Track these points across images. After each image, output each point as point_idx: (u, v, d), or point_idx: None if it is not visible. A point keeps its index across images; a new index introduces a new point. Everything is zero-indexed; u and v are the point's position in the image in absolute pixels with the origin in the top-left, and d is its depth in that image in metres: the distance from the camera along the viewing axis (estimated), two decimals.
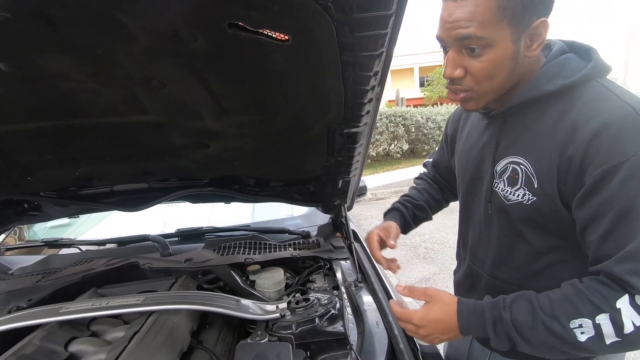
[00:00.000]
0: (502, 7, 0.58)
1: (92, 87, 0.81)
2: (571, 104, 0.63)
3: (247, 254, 1.29)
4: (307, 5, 0.58)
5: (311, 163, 1.22)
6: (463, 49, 0.63)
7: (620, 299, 0.56)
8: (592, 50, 0.68)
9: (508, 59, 0.63)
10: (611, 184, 0.56)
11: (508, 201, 0.72)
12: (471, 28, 0.60)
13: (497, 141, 0.74)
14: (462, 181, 0.89)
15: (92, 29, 0.64)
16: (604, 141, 0.57)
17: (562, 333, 0.59)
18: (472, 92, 0.67)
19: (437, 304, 0.70)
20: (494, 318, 0.64)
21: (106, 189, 1.25)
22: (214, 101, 0.89)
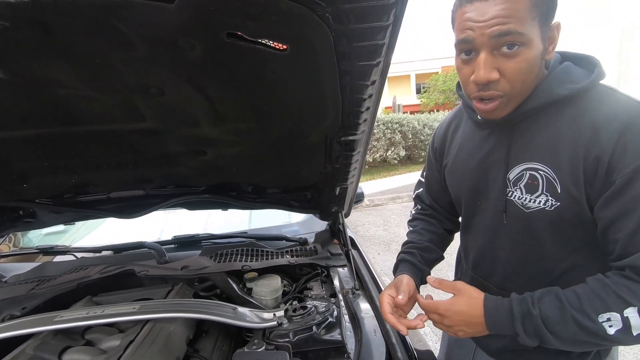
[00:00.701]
0: (535, 4, 0.59)
1: (89, 94, 0.81)
2: (584, 107, 0.64)
3: (244, 261, 1.28)
4: (305, 16, 0.59)
5: (309, 170, 1.22)
6: (496, 50, 0.62)
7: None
8: (590, 57, 0.70)
9: (538, 59, 0.63)
10: (635, 187, 0.57)
11: (527, 209, 0.70)
12: (511, 24, 0.58)
13: (508, 149, 0.73)
14: (460, 193, 0.87)
15: (91, 36, 0.65)
16: (631, 140, 0.58)
17: (591, 327, 0.59)
18: (505, 97, 0.65)
19: (464, 297, 0.71)
20: (522, 314, 0.65)
21: (102, 196, 1.24)
22: (211, 108, 0.89)
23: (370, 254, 3.85)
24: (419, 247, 0.96)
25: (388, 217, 5.43)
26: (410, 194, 4.98)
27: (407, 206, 5.99)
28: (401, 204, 6.23)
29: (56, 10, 0.57)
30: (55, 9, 0.57)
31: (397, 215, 5.54)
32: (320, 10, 0.59)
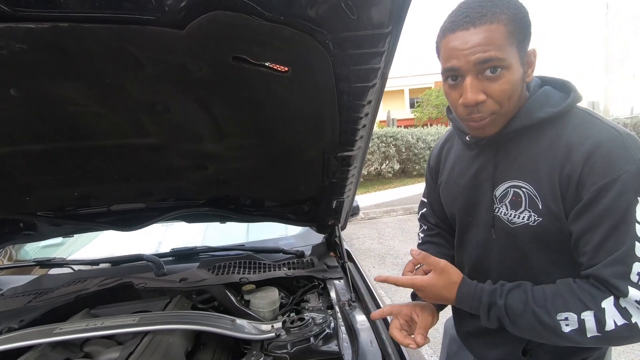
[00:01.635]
0: (512, 33, 0.64)
1: (97, 111, 0.84)
2: (562, 129, 0.69)
3: (242, 273, 1.30)
4: (307, 42, 0.64)
5: (306, 184, 1.26)
6: (480, 74, 0.66)
7: (606, 300, 0.62)
8: (567, 82, 0.75)
9: (519, 81, 0.69)
10: (605, 198, 0.62)
11: (513, 224, 0.74)
12: (491, 51, 0.63)
13: (494, 168, 0.77)
14: (453, 210, 0.91)
15: (103, 58, 0.68)
16: (597, 160, 0.63)
17: (548, 322, 0.65)
18: (494, 115, 0.70)
19: (443, 279, 0.74)
20: (489, 303, 0.71)
21: (103, 209, 1.26)
22: (214, 125, 0.93)
23: (365, 267, 3.85)
24: None
25: (382, 230, 5.46)
26: (405, 206, 5.03)
27: (401, 219, 6.03)
28: (395, 217, 6.27)
29: (73, 36, 0.61)
30: (72, 34, 0.60)
31: (391, 228, 5.57)
32: (321, 37, 0.63)
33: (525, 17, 0.66)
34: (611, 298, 0.62)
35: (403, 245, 4.61)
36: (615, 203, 0.61)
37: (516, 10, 0.65)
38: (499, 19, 0.63)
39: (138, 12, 0.56)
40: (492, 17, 0.63)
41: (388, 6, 0.57)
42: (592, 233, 0.64)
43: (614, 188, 0.61)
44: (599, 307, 0.62)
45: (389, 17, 0.59)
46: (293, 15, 0.58)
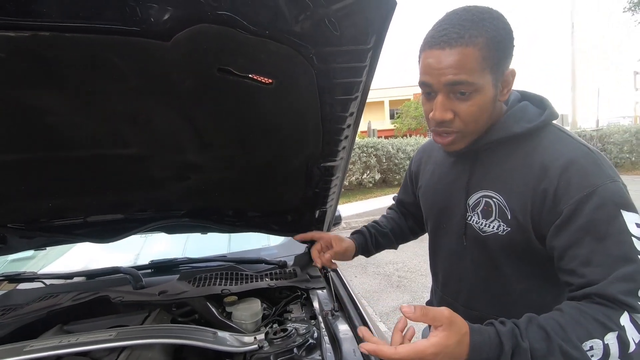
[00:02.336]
0: (485, 58, 0.66)
1: (76, 122, 0.83)
2: (537, 144, 0.72)
3: (224, 285, 1.28)
4: (291, 56, 0.65)
5: (289, 194, 1.26)
6: (451, 94, 0.69)
7: (622, 317, 0.58)
8: (544, 99, 0.79)
9: (490, 102, 0.71)
10: (584, 211, 0.62)
11: (484, 233, 0.77)
12: (462, 75, 0.65)
13: (469, 177, 0.80)
14: (429, 215, 0.94)
15: (85, 69, 0.68)
16: (573, 174, 0.65)
17: (578, 357, 0.57)
18: (460, 134, 0.73)
19: (455, 334, 0.57)
20: (512, 349, 0.58)
21: (79, 220, 1.22)
22: (197, 136, 0.93)
23: (347, 277, 3.86)
24: (379, 230, 1.15)
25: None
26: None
27: None
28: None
29: (54, 45, 0.60)
30: (53, 44, 0.60)
31: None
32: (305, 51, 0.65)
33: (504, 40, 0.67)
34: (626, 314, 0.58)
35: (385, 254, 4.63)
36: (595, 215, 0.61)
37: (495, 32, 0.66)
38: (474, 42, 0.64)
39: (122, 22, 0.56)
40: (468, 40, 0.64)
41: (369, 23, 0.60)
42: (576, 248, 0.63)
43: (592, 200, 0.62)
44: (619, 325, 0.57)
45: (371, 33, 0.62)
46: (278, 30, 0.59)
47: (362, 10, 0.56)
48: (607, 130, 11.67)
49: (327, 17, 0.56)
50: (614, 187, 0.63)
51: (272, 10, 0.55)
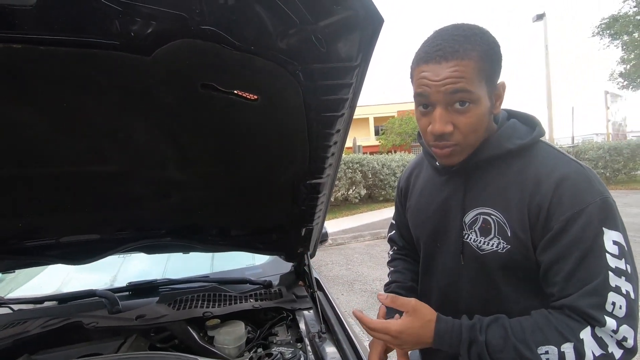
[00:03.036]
0: (481, 69, 0.68)
1: (52, 137, 0.79)
2: (530, 160, 0.73)
3: (206, 307, 1.22)
4: (277, 72, 0.64)
5: (275, 213, 1.23)
6: (450, 106, 0.69)
7: (584, 331, 0.62)
8: (532, 117, 0.80)
9: (487, 114, 0.72)
10: (573, 228, 0.64)
11: (482, 251, 0.76)
12: (461, 83, 0.66)
13: (464, 194, 0.79)
14: (421, 234, 0.92)
15: (61, 82, 0.65)
16: (565, 192, 0.66)
17: (529, 357, 0.63)
18: (458, 147, 0.73)
19: (418, 319, 0.72)
20: (470, 339, 0.68)
21: (51, 241, 1.15)
22: (180, 153, 0.90)
23: (334, 294, 3.79)
24: (404, 286, 1.00)
25: (351, 256, 5.44)
26: (372, 232, 5.08)
27: (369, 245, 6.06)
28: (363, 242, 6.30)
29: (28, 58, 0.57)
30: (27, 56, 0.57)
31: (359, 254, 5.58)
32: (291, 68, 0.64)
33: (496, 53, 0.70)
34: (588, 328, 0.62)
35: (372, 271, 4.61)
36: (582, 233, 0.64)
37: (487, 46, 0.68)
38: (469, 55, 0.66)
39: (100, 36, 0.54)
40: (463, 54, 0.66)
41: (356, 41, 0.59)
42: (561, 263, 0.65)
43: (580, 219, 0.64)
44: (578, 338, 0.62)
45: (357, 51, 0.62)
46: (264, 46, 0.58)
47: (350, 27, 0.55)
48: (583, 147, 12.13)
49: (314, 34, 0.56)
50: (602, 204, 0.65)
51: (258, 26, 0.54)
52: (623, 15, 14.04)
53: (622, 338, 0.61)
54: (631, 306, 0.62)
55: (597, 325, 0.62)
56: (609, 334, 0.62)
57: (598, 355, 0.61)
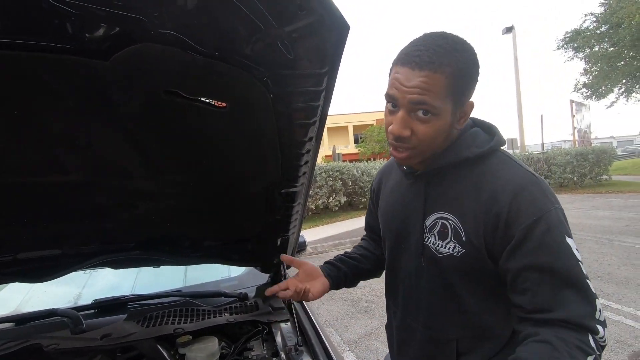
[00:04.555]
0: (450, 86, 0.69)
1: (2, 146, 0.74)
2: (486, 168, 0.75)
3: (177, 323, 1.17)
4: (243, 78, 0.62)
5: (249, 222, 1.20)
6: (413, 112, 0.71)
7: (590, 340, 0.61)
8: (493, 127, 0.83)
9: (446, 128, 0.74)
10: (534, 235, 0.66)
11: (440, 254, 0.78)
12: (427, 96, 0.68)
13: (425, 198, 0.82)
14: (388, 235, 0.94)
15: (10, 87, 0.61)
16: (522, 201, 0.68)
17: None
18: (415, 150, 0.75)
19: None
20: None
21: (7, 258, 1.07)
22: (145, 161, 0.86)
23: (315, 304, 3.75)
24: (349, 255, 1.10)
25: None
26: (352, 239, 5.11)
27: None
28: (344, 249, 6.27)
29: None
30: None
31: None
32: (258, 74, 0.63)
33: (470, 74, 0.71)
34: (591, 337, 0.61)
35: None
36: (545, 238, 0.66)
37: (464, 65, 0.69)
38: (443, 70, 0.67)
39: (52, 39, 0.51)
40: (437, 67, 0.67)
41: (324, 47, 0.58)
42: (529, 270, 0.66)
43: (540, 225, 0.66)
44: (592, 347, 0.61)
45: (325, 57, 0.61)
46: (228, 51, 0.57)
47: (316, 33, 0.54)
48: (552, 153, 12.66)
49: (279, 39, 0.54)
50: (557, 213, 0.68)
51: (220, 30, 0.52)
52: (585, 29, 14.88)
53: (603, 341, 0.63)
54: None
55: (593, 334, 0.62)
56: (598, 341, 0.62)
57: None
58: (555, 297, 0.64)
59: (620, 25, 13.06)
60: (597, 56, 14.89)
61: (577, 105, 15.74)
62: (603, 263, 4.40)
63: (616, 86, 15.64)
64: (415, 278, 0.86)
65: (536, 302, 0.66)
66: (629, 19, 12.15)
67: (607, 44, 14.50)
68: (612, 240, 5.40)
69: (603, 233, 5.88)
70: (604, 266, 4.28)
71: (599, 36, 14.51)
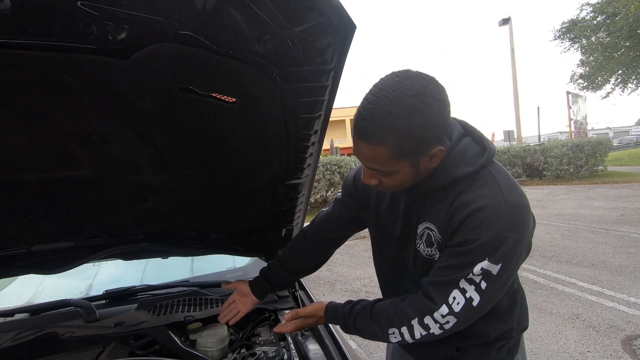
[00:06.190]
0: (397, 152, 0.70)
1: (19, 143, 0.77)
2: (467, 186, 0.78)
3: (187, 311, 1.21)
4: (254, 75, 0.66)
5: (254, 214, 1.24)
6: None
7: (414, 320, 0.79)
8: (484, 138, 0.84)
9: (411, 177, 0.78)
10: (463, 247, 0.74)
11: (430, 256, 0.85)
12: (375, 165, 0.73)
13: (416, 210, 0.87)
14: (387, 237, 0.97)
15: (31, 86, 0.64)
16: (470, 222, 0.73)
17: (382, 336, 0.85)
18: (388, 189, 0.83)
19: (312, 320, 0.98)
20: (344, 324, 0.92)
21: (22, 250, 1.11)
22: (156, 156, 0.89)
23: (316, 295, 3.80)
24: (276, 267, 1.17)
25: (331, 257, 5.47)
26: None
27: (349, 245, 6.11)
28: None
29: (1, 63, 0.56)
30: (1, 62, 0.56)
31: (339, 254, 5.62)
32: (268, 71, 0.66)
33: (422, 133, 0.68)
34: (416, 318, 0.79)
35: (352, 270, 4.66)
36: (467, 252, 0.73)
37: (409, 128, 0.66)
38: (386, 142, 0.67)
39: (76, 40, 0.54)
40: (380, 140, 0.67)
41: (331, 45, 0.62)
42: (442, 259, 0.79)
43: (472, 245, 0.72)
44: (410, 324, 0.80)
45: (332, 55, 0.64)
46: (241, 50, 0.60)
47: (324, 32, 0.58)
48: (548, 144, 12.72)
49: (289, 38, 0.58)
50: (495, 241, 0.71)
51: (235, 30, 0.56)
52: (581, 19, 14.88)
53: (445, 323, 0.76)
54: (468, 309, 0.74)
55: (433, 308, 0.76)
56: (438, 319, 0.76)
57: (424, 335, 0.79)
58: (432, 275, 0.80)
59: (616, 15, 13.07)
60: (594, 46, 14.91)
61: (574, 96, 15.79)
62: (598, 252, 4.48)
63: (612, 77, 15.69)
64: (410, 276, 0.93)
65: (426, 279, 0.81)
66: (625, 8, 12.15)
67: (604, 34, 14.51)
68: (607, 230, 5.48)
69: (598, 223, 5.97)
70: (598, 255, 4.36)
71: (596, 26, 14.52)
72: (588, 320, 2.88)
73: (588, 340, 2.62)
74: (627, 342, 2.55)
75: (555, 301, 3.26)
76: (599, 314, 2.97)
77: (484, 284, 0.73)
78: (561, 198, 8.72)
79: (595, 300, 3.22)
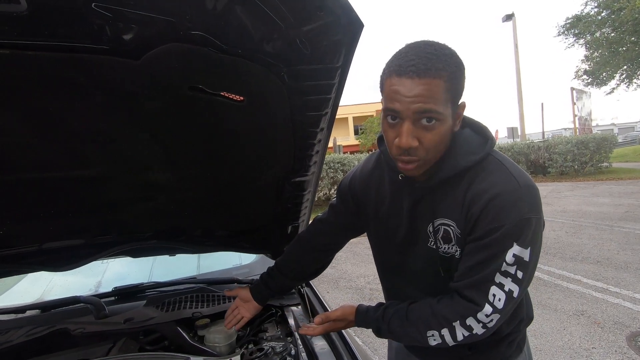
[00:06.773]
0: (448, 89, 0.70)
1: (29, 142, 0.78)
2: (476, 174, 0.79)
3: (195, 307, 1.23)
4: (263, 74, 0.67)
5: (261, 211, 1.25)
6: (417, 122, 0.72)
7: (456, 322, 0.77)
8: (485, 128, 0.85)
9: (449, 132, 0.76)
10: (488, 238, 0.73)
11: (447, 254, 0.84)
12: (431, 104, 0.68)
13: (427, 205, 0.85)
14: (389, 242, 0.95)
15: (43, 87, 0.65)
16: (491, 209, 0.73)
17: (421, 340, 0.82)
18: (421, 161, 0.76)
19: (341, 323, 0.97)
20: (377, 328, 0.90)
21: (32, 248, 1.13)
22: (164, 155, 0.91)
23: (320, 293, 3.82)
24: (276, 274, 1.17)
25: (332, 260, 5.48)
26: None
27: (352, 242, 6.10)
28: None
29: (14, 63, 0.57)
30: (13, 62, 0.57)
31: (343, 251, 5.62)
32: (276, 70, 0.67)
33: (462, 75, 0.73)
34: (458, 321, 0.77)
35: (356, 268, 4.68)
36: (493, 243, 0.73)
37: (456, 68, 0.71)
38: (440, 75, 0.69)
39: (90, 41, 0.55)
40: (435, 73, 0.68)
41: (339, 43, 0.63)
42: (468, 257, 0.77)
43: (497, 233, 0.72)
44: (452, 325, 0.78)
45: (340, 53, 0.65)
46: (250, 49, 0.61)
47: (332, 31, 0.59)
48: (552, 141, 12.65)
49: (298, 37, 0.58)
50: (518, 224, 0.72)
51: (245, 30, 0.56)
52: (586, 15, 14.74)
53: (489, 322, 0.75)
54: (509, 302, 0.74)
55: (477, 309, 0.74)
56: (482, 319, 0.75)
57: (466, 336, 0.77)
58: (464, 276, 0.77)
59: (621, 10, 12.94)
60: (598, 42, 14.78)
61: (578, 92, 15.67)
62: (603, 248, 4.47)
63: (617, 72, 15.55)
64: (421, 278, 0.91)
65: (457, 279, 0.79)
66: (630, 3, 12.03)
67: (609, 29, 14.37)
68: (611, 227, 5.46)
69: (603, 219, 5.94)
70: (603, 251, 4.35)
71: (600, 21, 14.38)
72: (593, 317, 2.88)
73: (593, 336, 2.62)
74: (632, 339, 2.55)
75: (560, 298, 3.26)
76: (604, 311, 2.96)
77: (520, 274, 0.73)
78: (565, 195, 8.68)
79: (600, 296, 3.21)
